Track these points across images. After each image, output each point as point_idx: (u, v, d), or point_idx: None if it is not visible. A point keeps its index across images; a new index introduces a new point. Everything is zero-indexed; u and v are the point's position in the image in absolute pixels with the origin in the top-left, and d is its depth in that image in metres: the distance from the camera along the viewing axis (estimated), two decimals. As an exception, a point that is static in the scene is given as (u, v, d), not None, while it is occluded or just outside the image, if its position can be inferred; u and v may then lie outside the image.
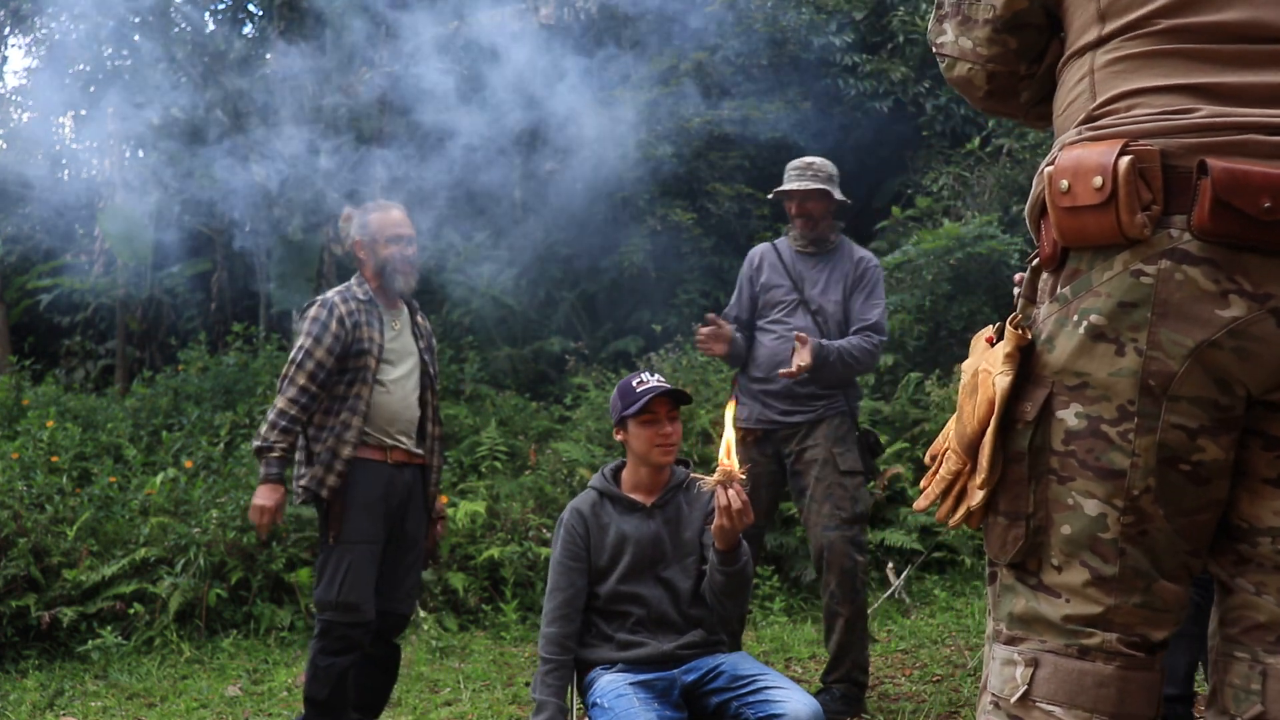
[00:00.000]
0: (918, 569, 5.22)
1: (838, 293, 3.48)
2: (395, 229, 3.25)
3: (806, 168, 3.54)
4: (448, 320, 8.92)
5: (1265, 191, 1.12)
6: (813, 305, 3.46)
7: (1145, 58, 1.24)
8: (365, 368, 3.12)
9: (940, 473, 1.36)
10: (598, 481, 2.72)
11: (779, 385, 3.39)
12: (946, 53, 1.46)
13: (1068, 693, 1.24)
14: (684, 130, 8.83)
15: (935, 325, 7.20)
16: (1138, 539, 1.23)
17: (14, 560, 4.84)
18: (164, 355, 9.72)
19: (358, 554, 3.06)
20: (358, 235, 3.27)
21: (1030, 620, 1.28)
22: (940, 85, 9.10)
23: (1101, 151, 1.19)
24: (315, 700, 3.08)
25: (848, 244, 3.60)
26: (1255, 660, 1.24)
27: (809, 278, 3.50)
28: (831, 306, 3.47)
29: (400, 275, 3.24)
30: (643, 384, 2.62)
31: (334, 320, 3.10)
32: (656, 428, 2.61)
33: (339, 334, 3.09)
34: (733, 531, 2.36)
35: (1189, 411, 1.19)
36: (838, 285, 3.48)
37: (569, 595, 2.59)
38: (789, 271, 3.51)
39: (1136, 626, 1.25)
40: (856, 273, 3.50)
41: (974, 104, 1.51)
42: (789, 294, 3.49)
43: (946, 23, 1.45)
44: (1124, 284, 1.20)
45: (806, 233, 3.51)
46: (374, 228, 3.25)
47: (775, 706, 2.35)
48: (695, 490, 2.63)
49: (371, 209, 3.32)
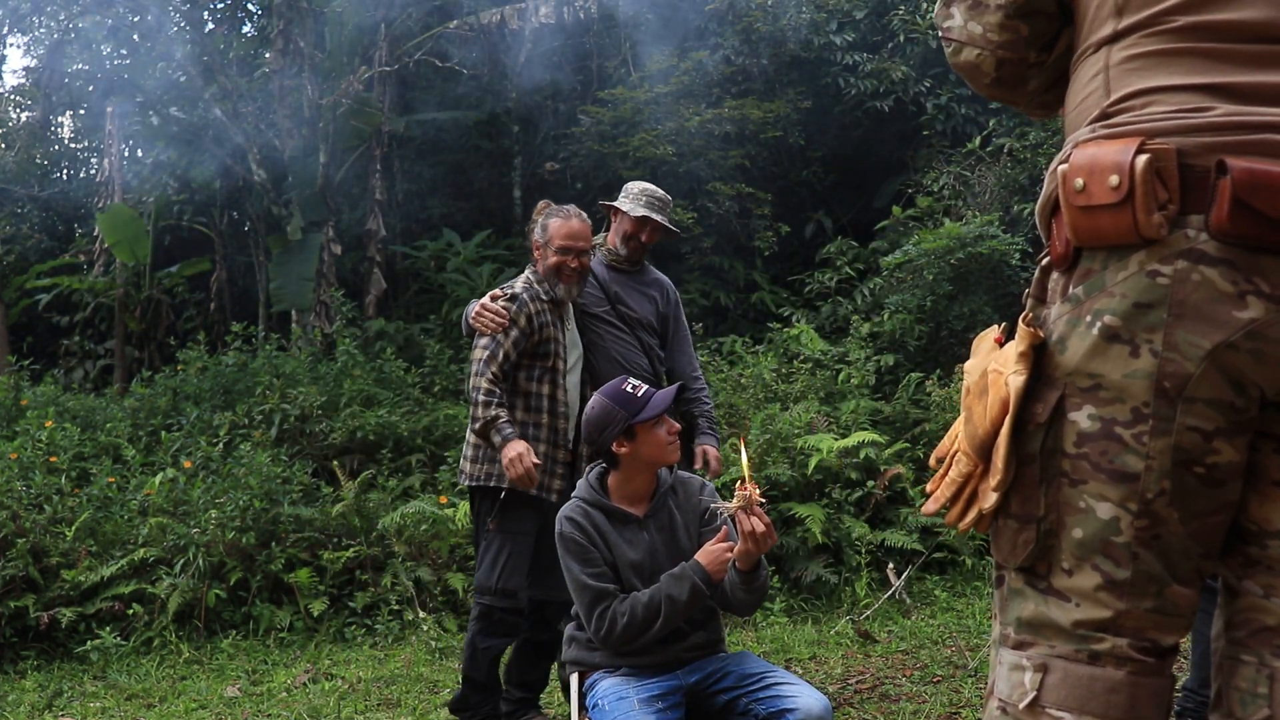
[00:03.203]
0: (918, 569, 5.21)
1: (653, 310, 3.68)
2: (568, 240, 3.27)
3: (666, 203, 3.67)
4: (447, 320, 8.91)
5: None
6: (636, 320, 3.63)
7: (1162, 55, 1.22)
8: (552, 368, 3.29)
9: (950, 475, 1.34)
10: (584, 492, 2.65)
11: None
12: (954, 37, 1.42)
13: (1078, 699, 1.22)
14: (684, 130, 8.82)
15: (936, 325, 7.19)
16: (1151, 543, 1.21)
17: (13, 561, 4.83)
18: (163, 355, 9.71)
19: (517, 544, 3.21)
20: (538, 235, 3.35)
21: (1039, 625, 1.26)
22: (941, 85, 9.08)
23: (1118, 150, 1.17)
24: (473, 680, 3.26)
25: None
26: (1263, 664, 1.23)
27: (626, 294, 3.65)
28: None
29: (563, 284, 3.30)
30: (638, 388, 2.60)
31: (522, 316, 3.22)
32: (665, 426, 2.60)
33: (526, 330, 3.22)
34: (757, 554, 2.36)
35: (1204, 413, 1.18)
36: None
37: (614, 588, 2.54)
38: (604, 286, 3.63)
39: (1147, 631, 1.23)
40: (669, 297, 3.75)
41: (979, 90, 1.48)
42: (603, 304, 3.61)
43: (954, 6, 1.41)
44: (1139, 284, 1.18)
45: (635, 255, 3.64)
46: (551, 232, 3.30)
47: (786, 701, 2.35)
48: (707, 513, 2.61)
49: (556, 213, 3.35)
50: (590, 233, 3.35)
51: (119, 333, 9.78)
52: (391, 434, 6.37)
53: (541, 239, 3.32)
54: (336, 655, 4.65)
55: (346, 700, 3.94)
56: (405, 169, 11.00)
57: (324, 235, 8.94)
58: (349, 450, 6.37)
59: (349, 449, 6.37)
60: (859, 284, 8.12)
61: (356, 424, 6.32)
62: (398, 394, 7.01)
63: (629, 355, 3.55)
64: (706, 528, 2.61)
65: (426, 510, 5.34)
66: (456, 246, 9.58)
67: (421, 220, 11.00)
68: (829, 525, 5.22)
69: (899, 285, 7.51)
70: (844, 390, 6.45)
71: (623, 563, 2.56)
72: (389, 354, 7.42)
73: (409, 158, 10.98)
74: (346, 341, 7.42)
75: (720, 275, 8.97)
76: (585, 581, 2.51)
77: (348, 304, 8.24)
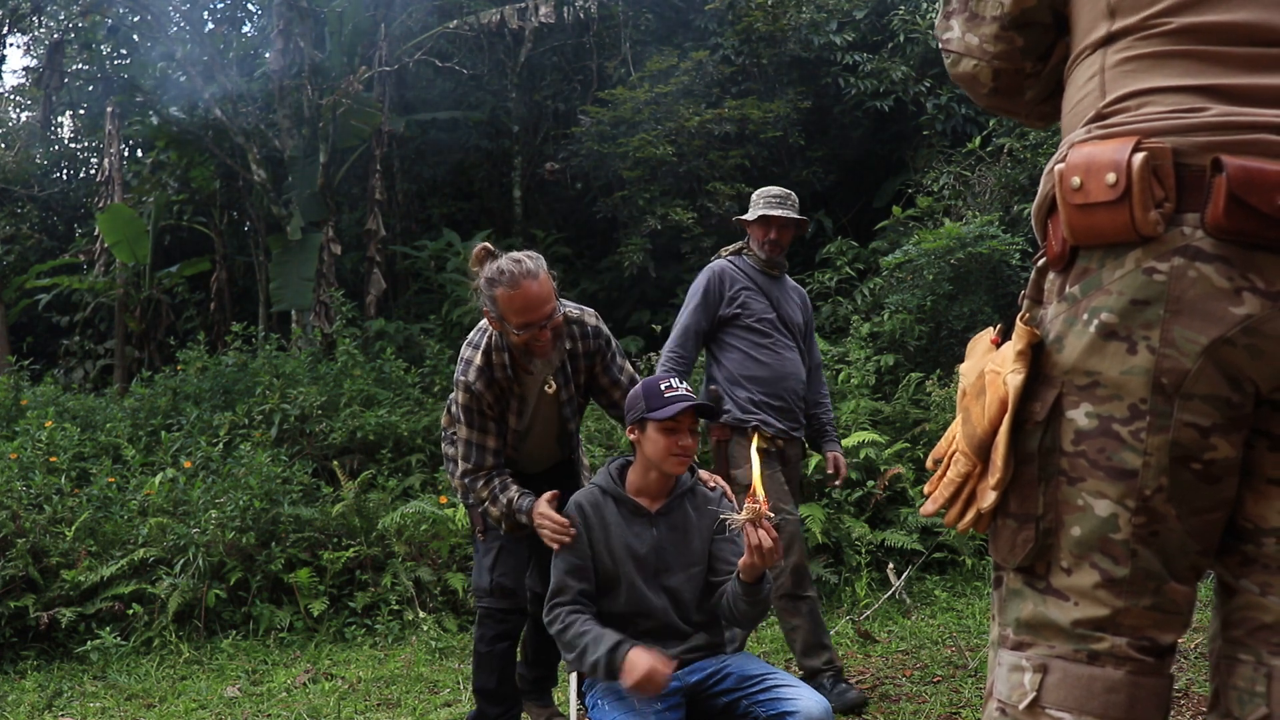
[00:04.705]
0: (918, 569, 5.21)
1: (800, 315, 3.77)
2: (526, 316, 2.67)
3: (786, 198, 3.76)
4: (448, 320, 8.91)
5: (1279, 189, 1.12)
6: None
7: (1156, 58, 1.24)
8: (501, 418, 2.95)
9: (948, 476, 1.35)
10: (602, 479, 2.68)
11: (780, 402, 3.61)
12: (952, 49, 1.46)
13: (1077, 699, 1.22)
14: (684, 130, 8.82)
15: (936, 325, 7.19)
16: (1149, 540, 1.22)
17: (12, 561, 4.83)
18: (163, 355, 9.72)
19: (509, 542, 3.03)
20: (488, 307, 2.74)
21: (1038, 625, 1.27)
22: (941, 84, 9.08)
23: (1115, 148, 1.19)
24: (484, 690, 3.08)
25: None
26: (1260, 662, 1.23)
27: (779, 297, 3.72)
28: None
29: (539, 359, 2.80)
30: (672, 390, 2.57)
31: (487, 400, 2.87)
32: (676, 437, 2.56)
33: (496, 407, 2.90)
34: (762, 568, 2.36)
35: (1201, 409, 1.18)
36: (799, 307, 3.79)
37: (581, 589, 2.55)
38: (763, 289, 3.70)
39: (1146, 630, 1.23)
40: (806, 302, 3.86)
41: (978, 101, 1.51)
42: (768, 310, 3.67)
43: (953, 19, 1.45)
44: (1136, 281, 1.19)
45: (775, 256, 3.72)
46: (503, 308, 2.68)
47: (786, 704, 2.34)
48: (719, 520, 2.61)
49: (500, 280, 2.66)
50: (550, 287, 2.70)
51: (119, 333, 9.78)
52: (391, 434, 6.37)
53: (494, 312, 2.71)
54: (336, 655, 4.66)
55: (346, 700, 3.94)
56: (405, 169, 11.01)
57: (324, 235, 8.94)
58: (349, 450, 6.37)
59: (349, 449, 6.37)
60: (859, 284, 8.12)
61: (356, 424, 6.32)
62: (398, 394, 7.01)
63: (795, 369, 3.63)
64: (719, 536, 2.62)
65: (426, 510, 5.34)
66: (456, 246, 9.58)
67: (421, 220, 11.00)
68: (829, 525, 5.22)
69: (899, 285, 7.51)
70: (844, 390, 6.44)
71: (622, 554, 2.56)
72: (389, 354, 7.42)
73: (409, 158, 10.98)
74: (346, 341, 7.42)
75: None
76: (559, 569, 2.57)
77: (348, 304, 8.24)
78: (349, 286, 9.54)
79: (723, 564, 2.58)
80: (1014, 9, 1.38)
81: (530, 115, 10.68)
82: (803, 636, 3.52)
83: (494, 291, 2.67)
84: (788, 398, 3.60)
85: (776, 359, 3.60)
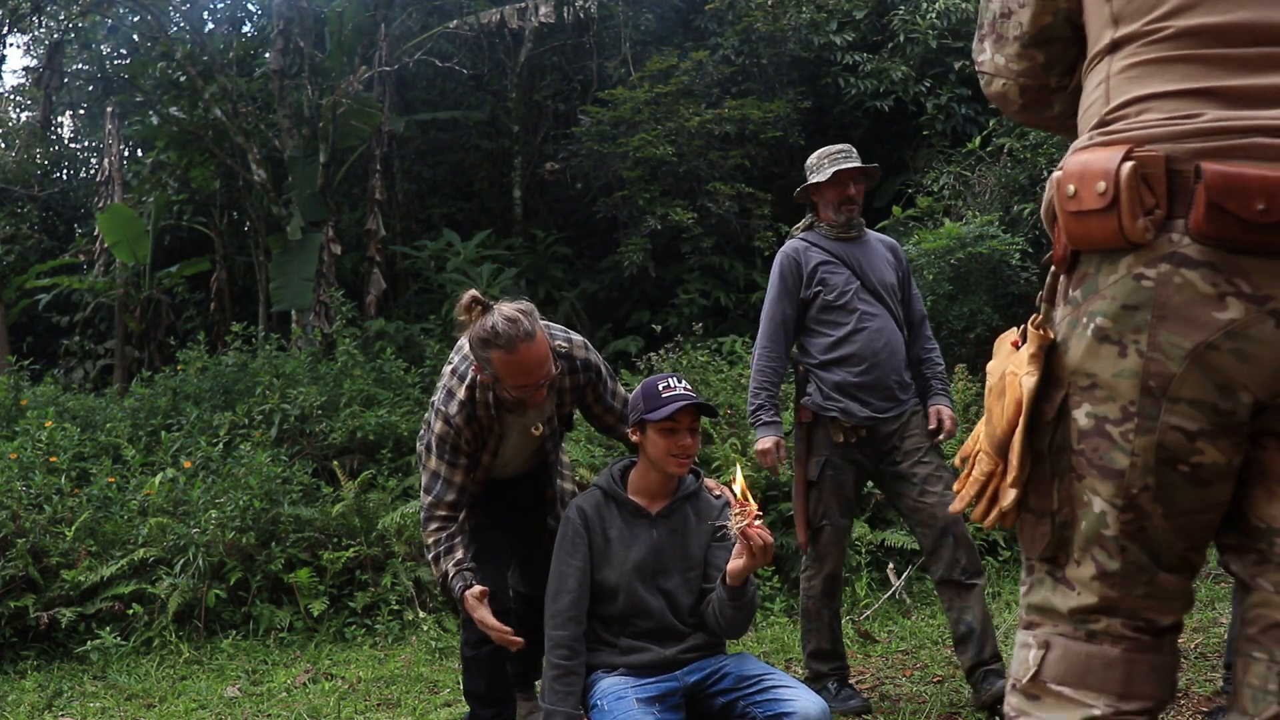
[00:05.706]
0: (918, 569, 5.21)
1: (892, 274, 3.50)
2: (524, 379, 2.57)
3: (849, 150, 3.53)
4: (448, 320, 8.89)
5: (1260, 194, 1.14)
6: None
7: (1157, 63, 1.26)
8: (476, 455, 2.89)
9: (973, 474, 1.41)
10: (604, 481, 2.68)
11: (873, 378, 3.34)
12: (985, 70, 1.53)
13: (1076, 674, 1.29)
14: (684, 130, 8.82)
15: (936, 325, 7.18)
16: (1136, 535, 1.27)
17: (12, 561, 4.82)
18: (163, 355, 9.71)
19: (486, 541, 2.91)
20: (478, 364, 2.66)
21: (1044, 609, 1.34)
22: (941, 85, 9.09)
23: (1106, 156, 1.22)
24: (475, 693, 3.01)
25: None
26: (1273, 660, 1.25)
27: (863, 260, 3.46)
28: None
29: (533, 411, 2.74)
30: (669, 390, 2.56)
31: (464, 440, 2.80)
32: (676, 438, 2.56)
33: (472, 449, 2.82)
34: (750, 569, 2.37)
35: (1188, 413, 1.22)
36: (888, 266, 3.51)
37: (576, 596, 2.56)
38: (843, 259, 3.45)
39: (1143, 612, 1.29)
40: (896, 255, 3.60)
41: (1011, 117, 1.58)
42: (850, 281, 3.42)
43: (985, 41, 1.52)
44: (1126, 287, 1.23)
45: (852, 216, 3.50)
46: (498, 369, 2.57)
47: (784, 705, 2.35)
48: (717, 523, 2.62)
49: (495, 340, 2.53)
50: (547, 346, 2.60)
51: (119, 333, 9.78)
52: (391, 434, 6.36)
53: (488, 371, 2.60)
54: (336, 655, 4.65)
55: (346, 700, 3.94)
56: (405, 169, 11.00)
57: (324, 235, 8.93)
58: (349, 450, 6.37)
59: (349, 449, 6.37)
60: (859, 284, 8.10)
61: (356, 424, 6.32)
62: (398, 394, 7.00)
63: (889, 337, 3.34)
64: (716, 542, 2.62)
65: (426, 510, 5.34)
66: (456, 246, 9.58)
67: (421, 220, 11.00)
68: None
69: (899, 285, 7.50)
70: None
71: (621, 556, 2.57)
72: (389, 354, 7.42)
73: (409, 158, 10.98)
74: (346, 341, 7.42)
75: (720, 275, 8.96)
76: (558, 575, 2.62)
77: (348, 304, 8.24)
78: (349, 286, 9.54)
79: (715, 570, 2.58)
80: (1032, 28, 1.43)
81: (530, 115, 10.68)
82: (816, 642, 3.46)
83: (488, 353, 2.56)
84: (883, 373, 3.33)
85: (865, 334, 3.32)
